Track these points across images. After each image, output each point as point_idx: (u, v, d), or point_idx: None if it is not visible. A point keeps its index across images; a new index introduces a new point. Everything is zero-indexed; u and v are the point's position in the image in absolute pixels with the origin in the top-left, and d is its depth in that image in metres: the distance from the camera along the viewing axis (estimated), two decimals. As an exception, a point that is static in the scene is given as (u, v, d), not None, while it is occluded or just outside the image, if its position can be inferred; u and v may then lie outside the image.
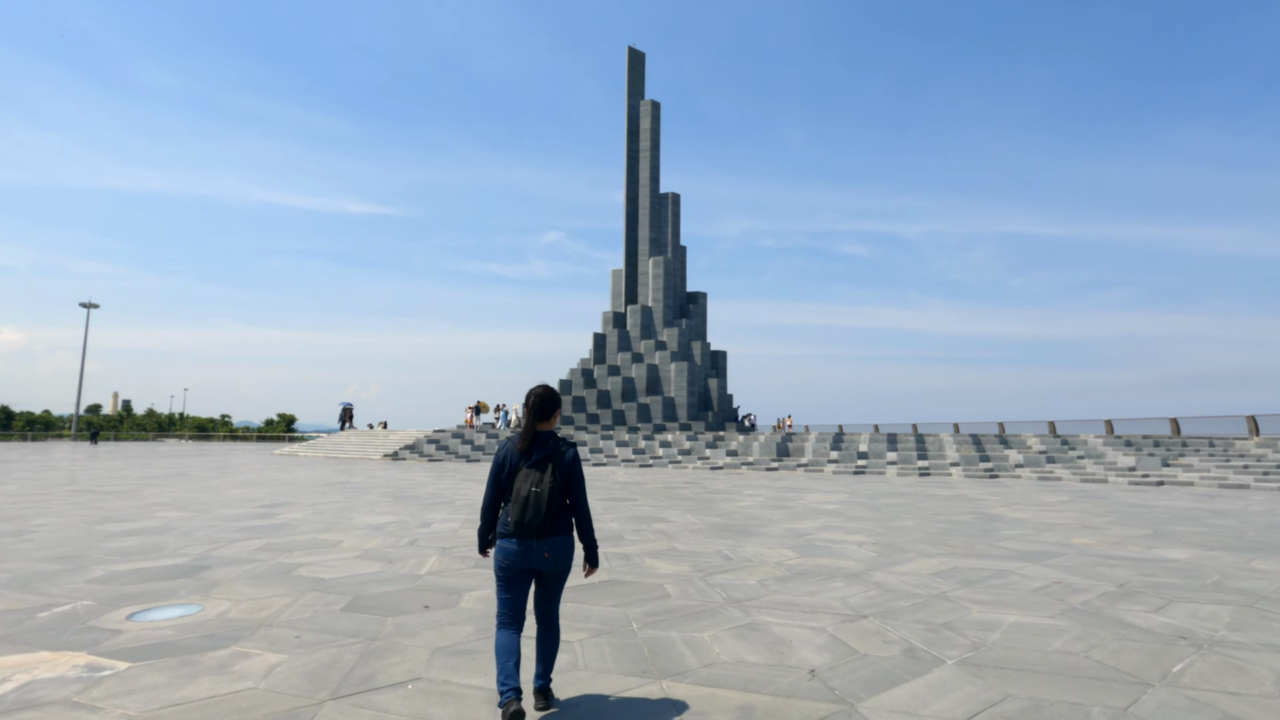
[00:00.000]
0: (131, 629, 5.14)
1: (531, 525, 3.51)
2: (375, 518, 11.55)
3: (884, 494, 16.83)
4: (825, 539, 9.58)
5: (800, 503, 14.57)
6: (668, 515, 12.19)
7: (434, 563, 7.73)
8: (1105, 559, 8.18)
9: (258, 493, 15.87)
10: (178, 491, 15.98)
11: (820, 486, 19.12)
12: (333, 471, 24.00)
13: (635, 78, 59.51)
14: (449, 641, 4.86)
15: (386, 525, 10.68)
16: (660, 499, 15.16)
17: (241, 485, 17.91)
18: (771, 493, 16.97)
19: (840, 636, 5.02)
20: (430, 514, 12.13)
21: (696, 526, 10.76)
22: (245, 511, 12.28)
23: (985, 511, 13.08)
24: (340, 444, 40.17)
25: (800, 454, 29.29)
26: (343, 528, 10.38)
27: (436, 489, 17.22)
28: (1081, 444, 27.59)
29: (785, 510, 13.09)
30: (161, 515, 11.69)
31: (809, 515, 12.32)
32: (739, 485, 19.45)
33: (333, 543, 9.01)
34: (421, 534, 9.80)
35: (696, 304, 57.68)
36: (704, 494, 16.55)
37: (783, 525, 10.94)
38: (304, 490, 16.57)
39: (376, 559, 7.93)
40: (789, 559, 8.07)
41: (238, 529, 10.18)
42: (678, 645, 4.83)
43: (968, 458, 25.84)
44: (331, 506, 13.17)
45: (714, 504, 14.17)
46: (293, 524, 10.74)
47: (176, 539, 9.22)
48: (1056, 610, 5.76)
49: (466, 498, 15.04)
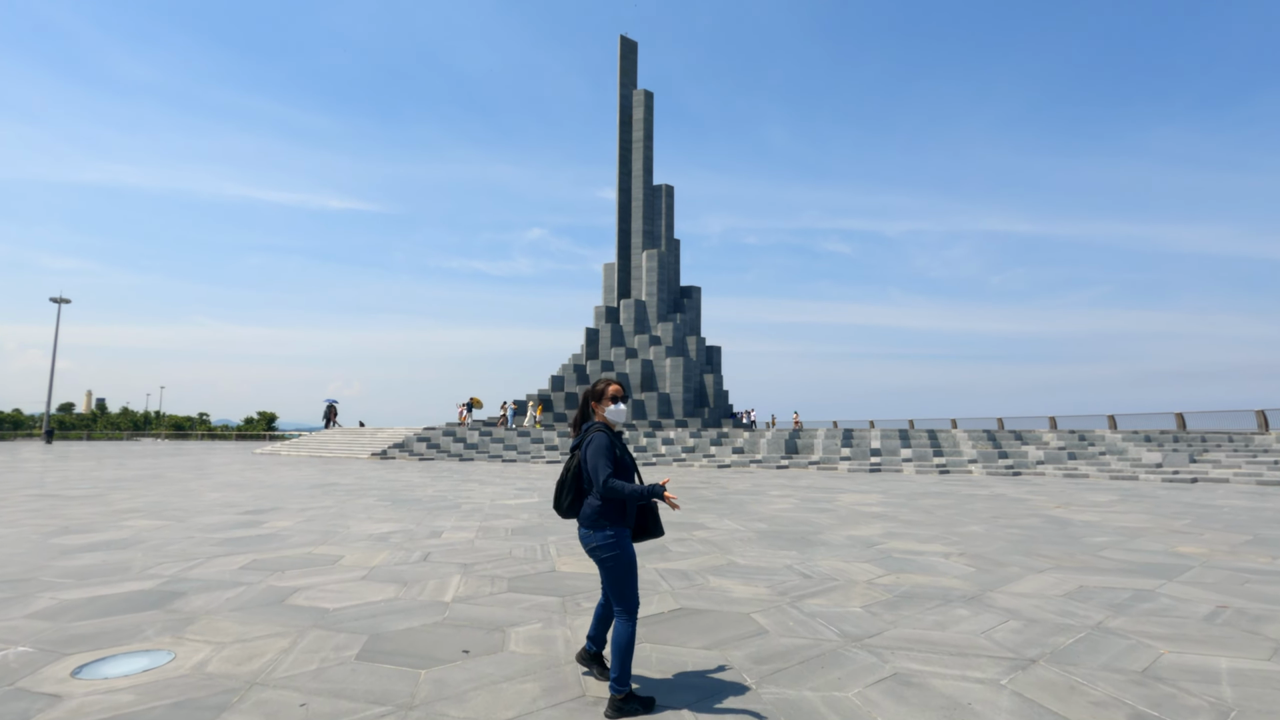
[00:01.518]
0: (76, 694, 3.79)
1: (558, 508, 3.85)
2: (376, 526, 10.20)
3: (919, 494, 15.71)
4: (901, 550, 8.37)
5: (838, 504, 13.40)
6: (704, 520, 10.95)
7: (459, 585, 6.43)
8: (1245, 574, 7.04)
9: (239, 496, 14.42)
10: (150, 495, 14.49)
11: (847, 486, 17.98)
12: (319, 472, 22.51)
13: (627, 67, 58.13)
14: (512, 711, 3.58)
15: (391, 535, 9.34)
16: (685, 501, 13.92)
17: (221, 488, 16.43)
18: (800, 493, 15.79)
19: (1030, 695, 3.80)
20: (438, 520, 10.80)
21: (744, 535, 9.52)
22: (226, 519, 10.87)
23: (1045, 514, 11.97)
24: (325, 442, 38.54)
25: (810, 451, 28.18)
26: (340, 539, 9.02)
27: (436, 491, 15.86)
28: (1099, 439, 26.73)
29: (828, 514, 11.91)
30: (130, 524, 10.26)
31: (859, 520, 11.14)
32: (759, 485, 18.25)
33: (331, 559, 7.67)
34: (434, 547, 8.48)
35: (691, 298, 56.49)
36: (728, 495, 15.33)
37: (840, 532, 9.74)
38: (291, 493, 15.15)
39: (388, 580, 6.61)
40: (878, 577, 6.86)
41: (218, 541, 8.79)
42: (823, 712, 3.58)
43: (985, 454, 24.85)
44: (324, 513, 11.78)
45: (745, 507, 12.95)
46: (282, 535, 9.36)
47: (146, 555, 7.83)
48: (1269, 650, 4.59)
49: (473, 501, 13.70)
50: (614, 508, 3.64)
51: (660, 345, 50.44)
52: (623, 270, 55.30)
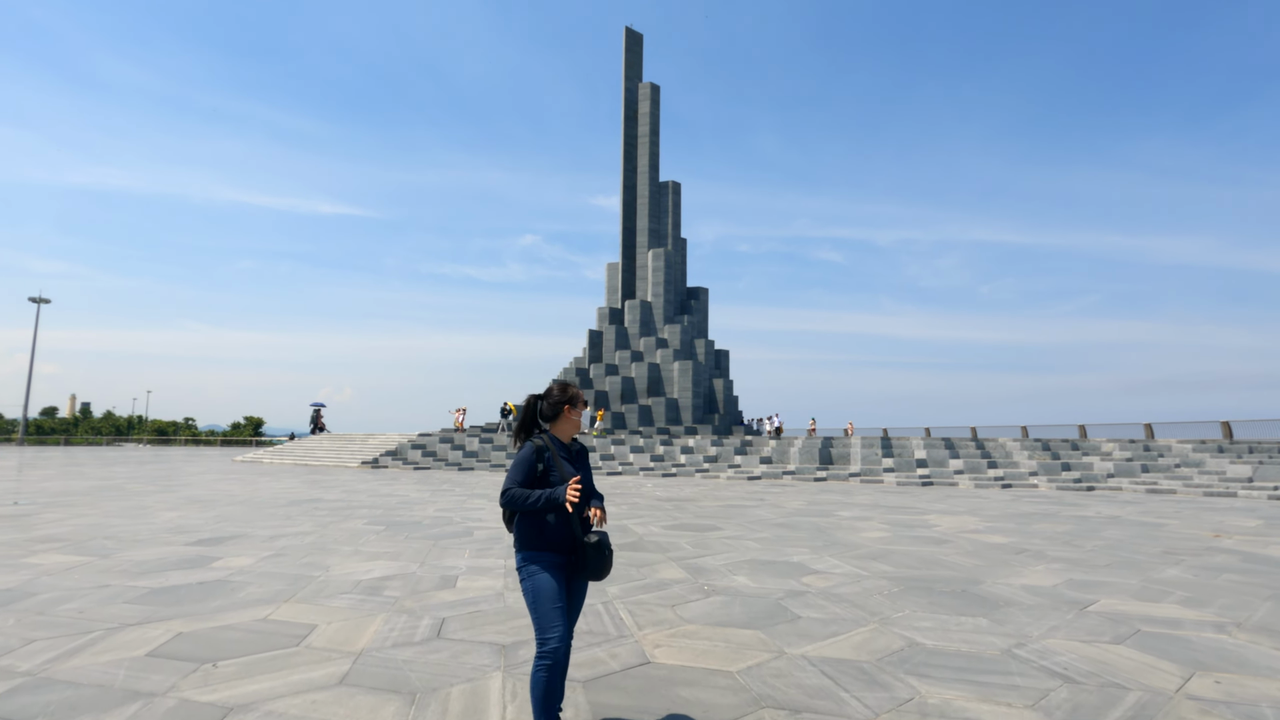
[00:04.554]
0: None
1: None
2: (365, 567, 7.57)
3: (1015, 514, 13.17)
4: (1136, 616, 5.73)
5: (940, 531, 10.84)
6: (799, 558, 8.36)
7: (502, 697, 3.82)
8: None
9: (198, 518, 11.75)
10: (90, 516, 11.79)
11: (919, 504, 15.43)
12: (302, 483, 19.78)
13: (632, 59, 55.79)
14: None
15: (386, 584, 6.71)
16: (753, 527, 11.34)
17: (181, 504, 13.73)
18: (877, 514, 13.22)
19: None
20: (447, 557, 8.17)
21: (875, 584, 6.93)
22: (167, 554, 8.22)
23: (1225, 547, 9.44)
24: (311, 449, 35.77)
25: (846, 461, 25.64)
26: (315, 591, 6.40)
27: (439, 510, 13.22)
28: (1165, 449, 24.34)
29: (947, 546, 9.34)
30: (33, 562, 7.60)
31: (998, 557, 8.59)
32: (817, 503, 15.68)
33: (297, 634, 5.04)
34: (449, 606, 5.86)
35: (698, 300, 54.02)
36: (795, 519, 12.75)
37: (1005, 580, 7.14)
38: (263, 513, 12.48)
39: (383, 685, 4.00)
40: (1181, 682, 4.28)
41: (140, 595, 6.15)
42: None
43: (1046, 466, 22.36)
44: (298, 543, 9.14)
45: (832, 535, 10.38)
46: (233, 582, 6.73)
47: (17, 622, 5.20)
48: None
49: (485, 525, 11.07)
50: (525, 527, 3.11)
51: (667, 348, 47.89)
52: (627, 270, 52.78)
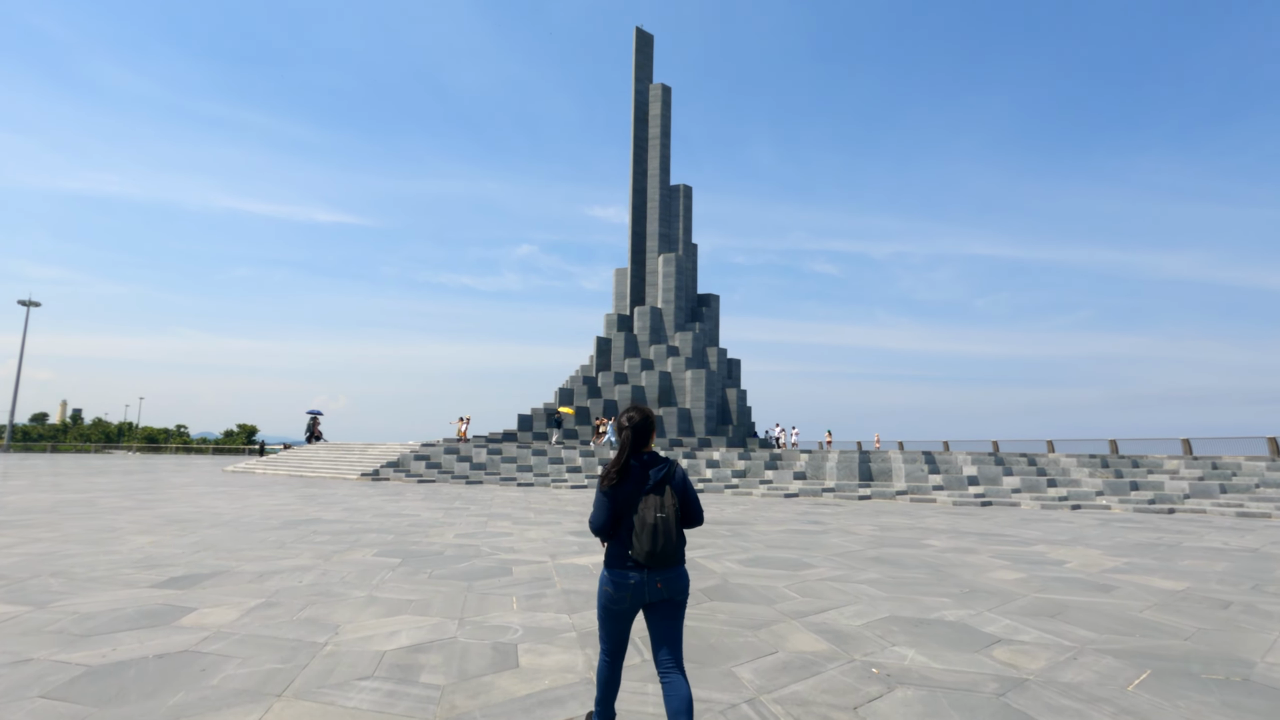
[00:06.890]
0: None
1: (672, 557, 3.16)
2: (387, 626, 5.63)
3: (1140, 545, 11.26)
4: None
5: (1073, 571, 8.93)
6: (950, 612, 6.45)
7: None
8: None
9: (174, 544, 9.78)
10: (45, 541, 9.82)
11: (1004, 530, 13.52)
12: (298, 498, 17.78)
13: (643, 61, 54.25)
14: None
15: (420, 659, 4.78)
16: (849, 563, 9.42)
17: (157, 526, 11.75)
18: (980, 543, 11.33)
19: None
20: (490, 608, 6.24)
21: (1104, 665, 5.00)
22: (123, 602, 6.28)
23: None
24: (308, 459, 33.74)
25: (888, 477, 23.73)
26: (321, 672, 4.47)
27: (459, 534, 11.28)
28: (1236, 466, 22.53)
29: (1110, 594, 7.43)
30: (-61, 617, 5.65)
31: (1205, 615, 6.70)
32: (890, 528, 13.77)
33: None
34: (519, 706, 3.95)
35: (709, 307, 52.20)
36: (887, 550, 10.82)
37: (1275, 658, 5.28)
38: (252, 538, 10.51)
39: None
40: None
41: (63, 685, 4.20)
42: None
43: (1113, 485, 20.49)
44: (295, 585, 7.20)
45: (957, 576, 8.44)
46: (205, 655, 4.79)
47: None
48: None
49: (521, 555, 9.13)
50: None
51: (679, 356, 46.00)
52: (636, 276, 50.96)
